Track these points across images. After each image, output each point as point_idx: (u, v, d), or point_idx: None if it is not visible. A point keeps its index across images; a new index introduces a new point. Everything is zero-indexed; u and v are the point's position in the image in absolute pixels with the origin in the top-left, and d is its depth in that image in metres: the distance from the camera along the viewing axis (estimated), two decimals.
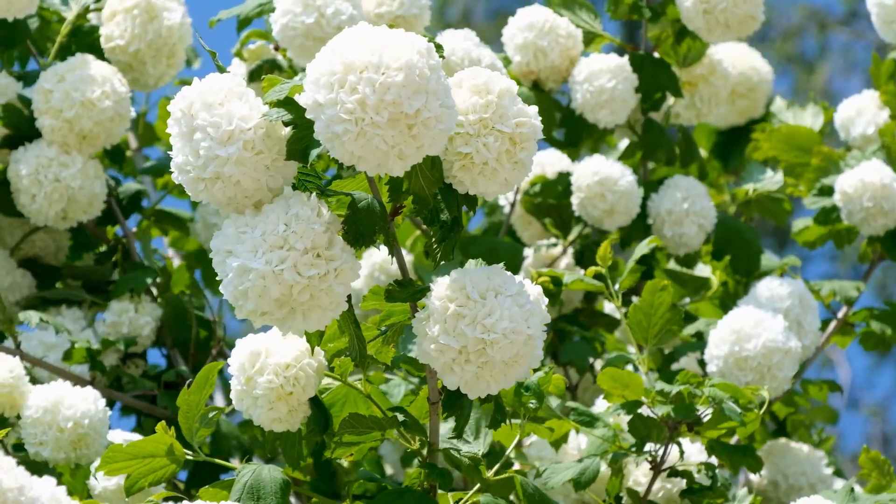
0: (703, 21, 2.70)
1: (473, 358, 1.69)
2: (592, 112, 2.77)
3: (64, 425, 2.21)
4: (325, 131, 1.61)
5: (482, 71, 1.75)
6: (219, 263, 1.69)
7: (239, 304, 1.67)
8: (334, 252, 1.67)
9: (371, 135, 1.59)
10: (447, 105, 1.63)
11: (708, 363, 2.52)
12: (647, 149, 2.83)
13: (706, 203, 2.76)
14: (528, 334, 1.70)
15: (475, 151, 1.72)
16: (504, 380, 1.71)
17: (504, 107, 1.73)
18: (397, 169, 1.62)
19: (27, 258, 2.77)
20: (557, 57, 2.78)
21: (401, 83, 1.58)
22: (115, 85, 2.59)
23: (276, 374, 1.89)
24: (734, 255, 2.82)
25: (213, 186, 1.68)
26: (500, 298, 1.70)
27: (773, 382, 2.47)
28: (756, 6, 2.70)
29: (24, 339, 2.51)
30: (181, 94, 1.70)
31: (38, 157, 2.58)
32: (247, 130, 1.67)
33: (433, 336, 1.70)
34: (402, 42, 1.61)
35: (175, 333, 2.73)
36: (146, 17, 2.68)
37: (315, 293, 1.66)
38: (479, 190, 1.76)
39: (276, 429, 1.92)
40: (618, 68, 2.76)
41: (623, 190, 2.72)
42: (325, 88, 1.60)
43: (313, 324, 1.68)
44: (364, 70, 1.59)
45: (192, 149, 1.68)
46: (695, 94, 2.88)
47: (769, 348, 2.46)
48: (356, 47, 1.61)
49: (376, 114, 1.59)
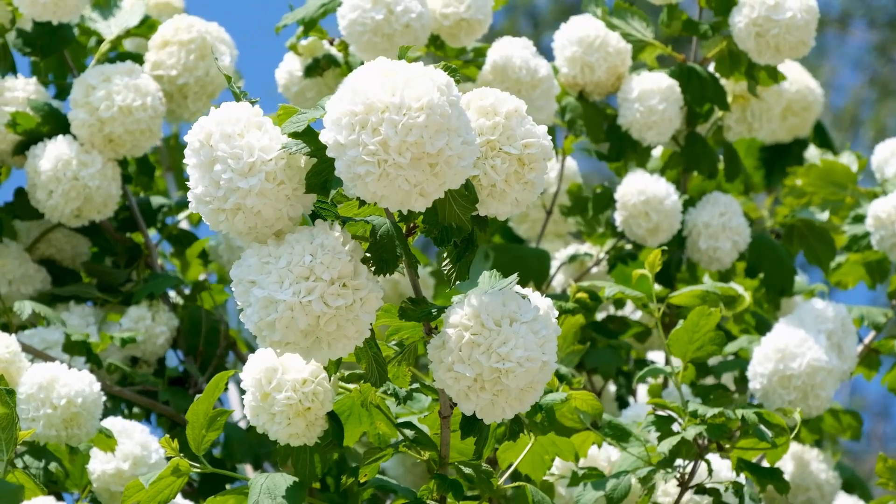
0: (754, 43, 2.70)
1: (489, 386, 1.72)
2: (640, 131, 2.78)
3: (57, 402, 2.21)
4: (347, 171, 1.62)
5: (490, 92, 1.75)
6: (241, 293, 1.70)
7: (263, 335, 1.69)
8: (360, 282, 1.69)
9: (394, 176, 1.60)
10: (468, 141, 1.64)
11: (751, 380, 2.56)
12: (689, 162, 2.85)
13: (741, 221, 2.80)
14: (543, 361, 1.73)
15: (483, 174, 1.73)
16: (519, 405, 1.75)
17: (511, 128, 1.73)
18: (419, 206, 1.64)
19: (43, 259, 2.79)
20: (604, 73, 2.80)
21: (423, 124, 1.59)
22: (156, 101, 2.63)
23: (293, 390, 1.91)
24: (768, 272, 2.86)
25: (234, 217, 1.69)
26: (515, 326, 1.72)
27: (815, 402, 2.51)
28: (808, 33, 2.70)
29: (26, 336, 2.53)
30: (199, 124, 1.70)
31: (59, 154, 2.60)
32: (268, 162, 1.68)
33: (448, 364, 1.73)
34: (422, 80, 1.61)
35: (190, 342, 2.76)
36: (199, 53, 2.72)
37: (342, 323, 1.68)
38: (489, 211, 1.77)
39: (294, 443, 1.94)
40: (668, 89, 2.77)
41: (668, 210, 2.74)
42: (347, 129, 1.61)
43: (337, 352, 1.71)
44: (385, 111, 1.60)
45: (211, 180, 1.69)
46: (746, 108, 2.89)
47: (814, 367, 2.50)
48: (376, 86, 1.61)
49: (399, 155, 1.60)
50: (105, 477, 2.33)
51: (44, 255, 2.80)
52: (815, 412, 2.53)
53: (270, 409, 1.93)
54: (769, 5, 2.68)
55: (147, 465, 2.34)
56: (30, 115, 2.63)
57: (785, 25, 2.68)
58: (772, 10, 2.68)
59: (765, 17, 2.68)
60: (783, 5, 2.68)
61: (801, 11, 2.68)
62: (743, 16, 2.70)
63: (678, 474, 2.23)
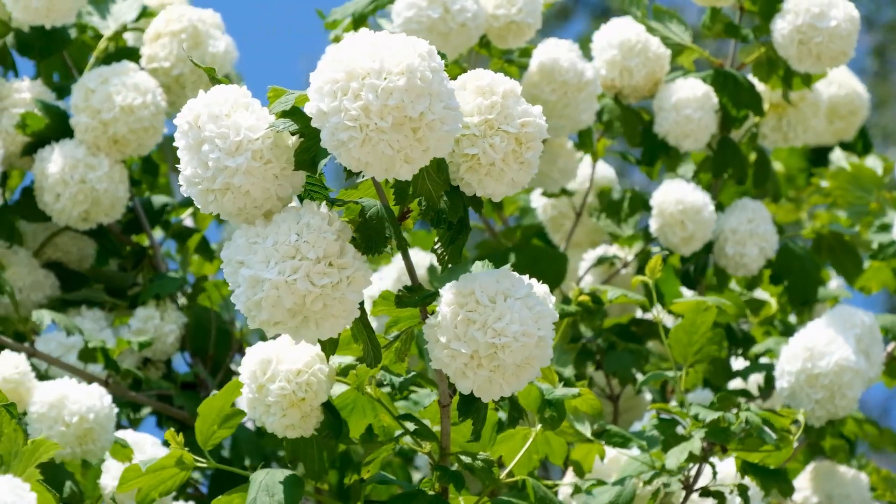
0: (795, 51, 2.69)
1: (485, 362, 1.70)
2: (676, 139, 2.78)
3: (69, 420, 2.22)
4: (331, 139, 1.62)
5: (486, 73, 1.75)
6: (230, 274, 1.69)
7: (252, 315, 1.68)
8: (346, 260, 1.68)
9: (376, 140, 1.60)
10: (451, 106, 1.63)
11: (778, 378, 2.53)
12: (718, 166, 2.83)
13: (769, 227, 2.78)
14: (539, 336, 1.70)
15: (481, 152, 1.72)
16: (517, 382, 1.72)
17: (508, 107, 1.73)
18: (404, 173, 1.63)
19: (51, 262, 2.79)
20: (643, 78, 2.80)
21: (403, 87, 1.59)
22: (157, 98, 2.63)
23: (287, 380, 1.90)
24: (792, 282, 2.84)
25: (223, 197, 1.69)
26: (509, 302, 1.71)
27: (842, 401, 2.49)
28: (850, 43, 2.69)
29: (42, 341, 2.53)
30: (187, 106, 1.71)
31: (66, 158, 2.61)
32: (254, 140, 1.68)
33: (444, 342, 1.71)
34: (403, 47, 1.61)
35: (197, 342, 2.75)
36: (192, 42, 2.72)
37: (328, 302, 1.67)
38: (486, 191, 1.76)
39: (290, 435, 1.93)
40: (704, 97, 2.76)
41: (705, 220, 2.72)
42: (329, 96, 1.61)
43: (326, 332, 1.69)
44: (366, 76, 1.60)
45: (200, 161, 1.69)
46: (782, 117, 2.89)
47: (841, 366, 2.48)
48: (357, 54, 1.61)
49: (380, 119, 1.59)
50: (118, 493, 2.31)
51: (50, 258, 2.79)
52: (842, 412, 2.50)
53: (265, 400, 1.92)
54: (814, 13, 2.66)
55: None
56: (39, 115, 2.64)
57: (829, 34, 2.66)
58: (816, 19, 2.66)
59: (809, 24, 2.67)
60: (828, 14, 2.66)
61: (845, 21, 2.67)
62: (787, 22, 2.69)
63: (682, 477, 2.19)
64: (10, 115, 2.66)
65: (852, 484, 2.69)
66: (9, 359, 2.28)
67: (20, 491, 1.74)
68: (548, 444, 2.10)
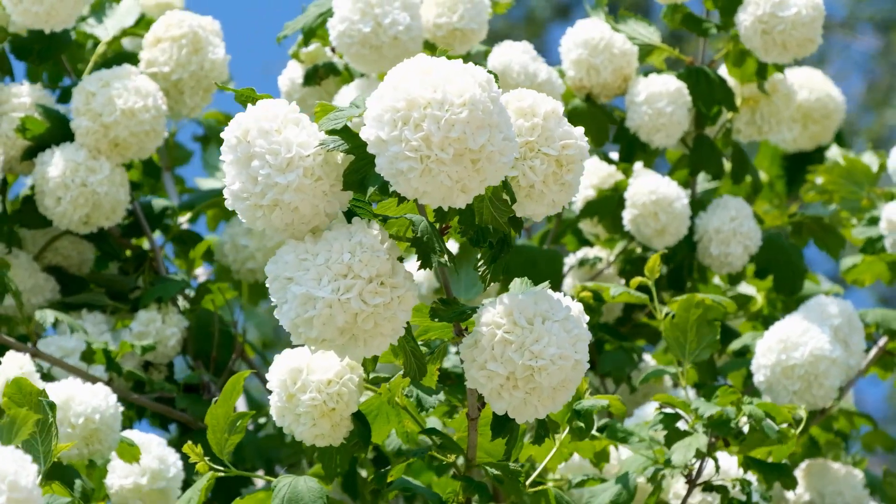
0: (760, 41, 2.72)
1: (521, 384, 1.72)
2: (648, 134, 2.79)
3: (75, 421, 2.22)
4: (389, 167, 1.63)
5: (528, 93, 1.77)
6: (277, 290, 1.70)
7: (299, 332, 1.68)
8: (398, 280, 1.70)
9: (436, 171, 1.61)
10: (509, 137, 1.65)
11: (755, 373, 2.56)
12: (695, 163, 2.86)
13: (752, 225, 2.81)
14: (575, 360, 1.73)
15: (522, 175, 1.74)
16: (552, 404, 1.75)
17: (550, 129, 1.75)
18: (461, 202, 1.65)
19: (51, 267, 2.78)
20: (610, 75, 2.81)
21: (465, 119, 1.60)
22: (157, 101, 2.62)
23: (318, 391, 1.92)
24: (777, 274, 2.86)
25: (272, 213, 1.69)
26: (547, 324, 1.73)
27: (819, 391, 2.51)
28: (814, 30, 2.72)
29: (43, 344, 2.52)
30: (236, 121, 1.70)
31: (67, 161, 2.59)
32: (306, 157, 1.69)
33: (481, 363, 1.73)
34: (464, 76, 1.62)
35: (199, 345, 2.75)
36: (192, 48, 2.70)
37: (379, 321, 1.68)
38: (525, 212, 1.78)
39: (319, 444, 1.95)
40: (676, 92, 2.78)
41: (677, 212, 2.75)
42: (389, 125, 1.62)
43: (372, 350, 1.71)
44: (428, 106, 1.61)
45: (249, 176, 1.69)
46: (755, 111, 2.90)
47: (816, 356, 2.51)
48: (417, 83, 1.62)
49: (441, 151, 1.60)
50: (123, 492, 2.32)
51: (51, 263, 2.78)
52: (821, 403, 2.53)
53: (295, 409, 1.93)
54: (774, 2, 2.70)
55: (165, 479, 2.33)
56: (39, 119, 2.62)
57: (791, 22, 2.70)
58: (777, 7, 2.70)
59: (770, 13, 2.70)
60: (788, 2, 2.70)
61: (805, 7, 2.70)
62: (748, 13, 2.72)
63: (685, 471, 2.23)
64: (9, 120, 2.64)
65: (845, 481, 2.73)
66: (14, 359, 2.27)
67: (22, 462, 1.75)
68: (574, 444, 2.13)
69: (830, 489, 2.72)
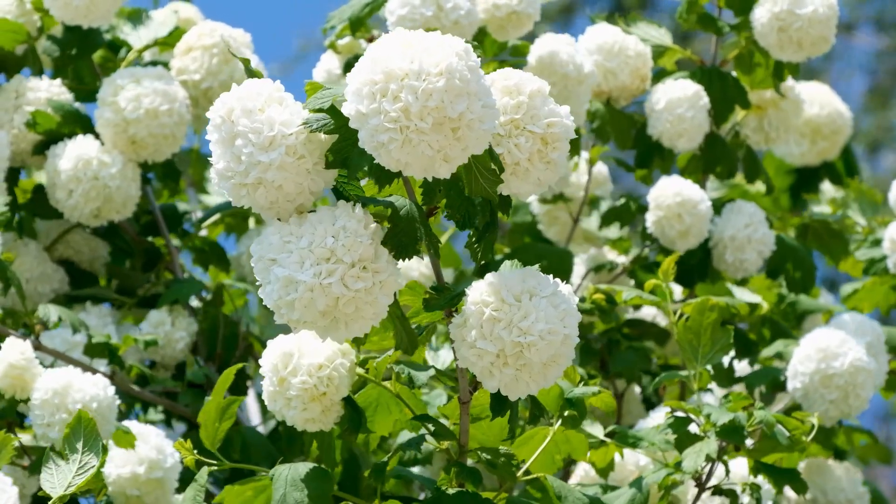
0: (776, 38, 2.72)
1: (511, 361, 1.72)
2: (671, 140, 2.79)
3: (72, 408, 2.21)
4: (371, 140, 1.62)
5: (514, 72, 1.76)
6: (261, 271, 1.70)
7: (281, 313, 1.69)
8: (380, 265, 1.69)
9: (416, 141, 1.61)
10: (489, 104, 1.64)
11: (790, 379, 2.55)
12: (708, 163, 2.85)
13: (766, 231, 2.79)
14: (564, 334, 1.72)
15: (507, 152, 1.74)
16: (543, 380, 1.74)
17: (535, 107, 1.74)
18: (444, 172, 1.64)
19: (62, 260, 2.79)
20: (627, 77, 2.81)
21: (443, 88, 1.60)
22: (182, 108, 2.64)
23: (309, 374, 1.91)
24: (790, 273, 2.86)
25: (256, 192, 1.70)
26: (535, 300, 1.73)
27: (856, 402, 2.51)
28: (829, 28, 2.72)
29: (47, 336, 2.52)
30: (220, 100, 1.71)
31: (79, 154, 2.60)
32: (288, 136, 1.69)
33: (471, 341, 1.73)
34: (440, 46, 1.62)
35: (210, 348, 2.76)
36: (222, 57, 2.72)
37: (360, 305, 1.68)
38: (511, 190, 1.77)
39: (310, 429, 1.94)
40: (695, 95, 2.77)
41: (701, 214, 2.73)
42: (368, 98, 1.62)
43: (354, 332, 1.71)
44: (405, 77, 1.61)
45: (233, 155, 1.69)
46: (763, 118, 2.90)
47: (856, 367, 2.51)
48: (395, 55, 1.62)
49: (420, 120, 1.60)
50: (121, 481, 2.31)
51: (62, 256, 2.79)
52: (855, 412, 2.53)
53: (286, 393, 1.92)
54: None
55: (163, 469, 2.32)
56: (50, 114, 2.64)
57: (807, 19, 2.70)
58: (794, 4, 2.70)
59: (787, 10, 2.70)
60: (805, 0, 2.71)
61: (822, 6, 2.71)
62: (765, 10, 2.72)
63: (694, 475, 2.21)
64: (22, 113, 2.66)
65: (846, 477, 2.72)
66: (15, 345, 2.28)
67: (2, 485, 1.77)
68: (568, 442, 2.11)
69: (832, 486, 2.71)
